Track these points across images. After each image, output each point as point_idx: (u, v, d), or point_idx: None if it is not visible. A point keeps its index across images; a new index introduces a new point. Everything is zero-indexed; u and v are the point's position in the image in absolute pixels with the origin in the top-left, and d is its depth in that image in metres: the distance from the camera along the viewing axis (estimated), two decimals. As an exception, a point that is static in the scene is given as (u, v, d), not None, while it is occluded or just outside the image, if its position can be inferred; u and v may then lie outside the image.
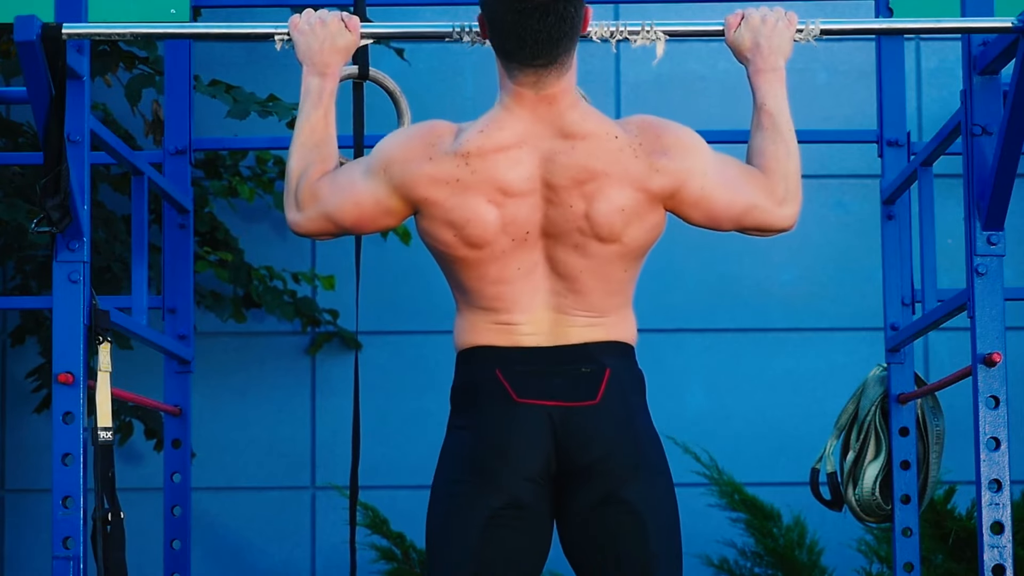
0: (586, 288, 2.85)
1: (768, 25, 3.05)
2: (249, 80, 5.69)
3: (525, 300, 2.84)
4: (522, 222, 2.82)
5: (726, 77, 6.20)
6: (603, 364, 2.83)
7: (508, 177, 2.81)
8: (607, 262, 2.85)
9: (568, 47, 2.81)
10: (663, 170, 2.85)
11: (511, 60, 2.81)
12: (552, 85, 2.82)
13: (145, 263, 4.09)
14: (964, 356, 3.63)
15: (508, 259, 2.83)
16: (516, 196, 2.81)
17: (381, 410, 6.06)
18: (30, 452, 6.21)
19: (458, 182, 2.82)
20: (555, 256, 2.84)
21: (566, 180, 2.81)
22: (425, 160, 2.84)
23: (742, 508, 5.72)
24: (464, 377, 2.88)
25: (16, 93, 3.84)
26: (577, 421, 2.81)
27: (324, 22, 3.04)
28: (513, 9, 2.75)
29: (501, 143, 2.82)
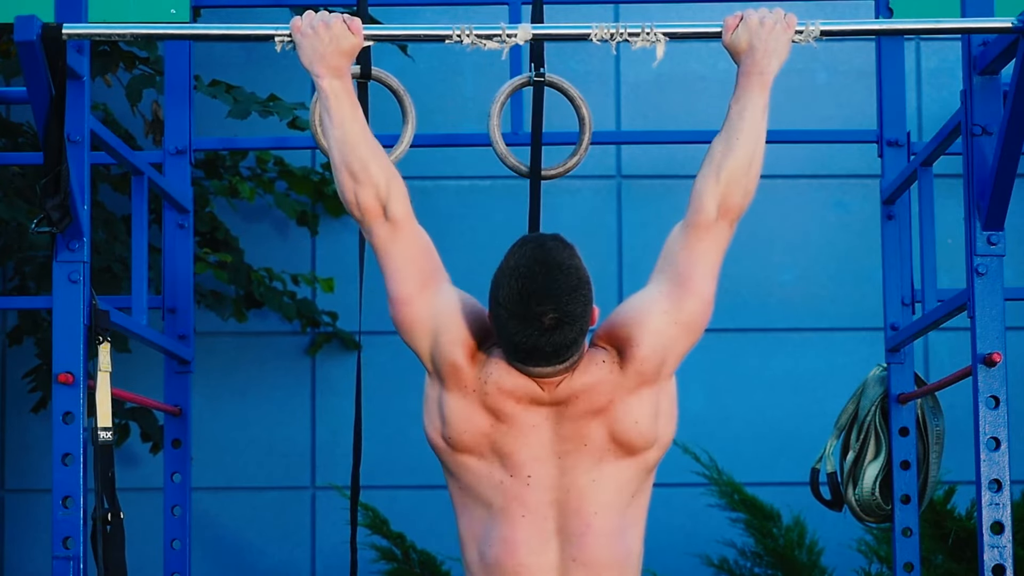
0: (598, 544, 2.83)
1: (766, 27, 3.05)
2: (249, 80, 5.69)
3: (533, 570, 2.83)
4: (522, 464, 2.83)
5: (726, 77, 6.17)
6: None
7: (515, 415, 2.84)
8: (624, 485, 2.85)
9: (575, 349, 2.81)
10: (648, 359, 2.86)
11: (520, 362, 2.82)
12: (561, 375, 2.84)
13: (145, 263, 4.09)
14: (964, 356, 3.63)
15: (509, 498, 2.83)
16: (516, 434, 2.83)
17: (381, 410, 6.06)
18: (30, 452, 6.21)
19: (473, 393, 2.84)
20: (566, 504, 2.84)
21: (576, 424, 2.83)
22: (463, 353, 2.86)
23: (742, 508, 5.72)
24: None
25: (16, 93, 3.84)
26: None
27: (327, 25, 3.04)
28: (520, 332, 2.76)
29: (514, 392, 2.84)
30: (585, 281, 2.78)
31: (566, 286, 2.76)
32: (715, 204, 2.93)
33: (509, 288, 2.76)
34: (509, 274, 2.77)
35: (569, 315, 2.75)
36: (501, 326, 2.78)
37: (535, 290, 2.74)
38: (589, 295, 2.79)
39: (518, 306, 2.74)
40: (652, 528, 2.93)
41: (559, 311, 2.74)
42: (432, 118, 6.10)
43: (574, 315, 2.76)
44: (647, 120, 6.29)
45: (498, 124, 3.58)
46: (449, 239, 6.01)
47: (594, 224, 6.26)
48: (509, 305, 2.75)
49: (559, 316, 2.74)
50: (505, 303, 2.76)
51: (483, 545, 2.85)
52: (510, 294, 2.75)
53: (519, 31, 3.21)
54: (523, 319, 2.75)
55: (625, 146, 6.31)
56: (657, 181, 6.29)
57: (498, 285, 2.78)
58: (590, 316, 2.80)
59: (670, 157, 6.22)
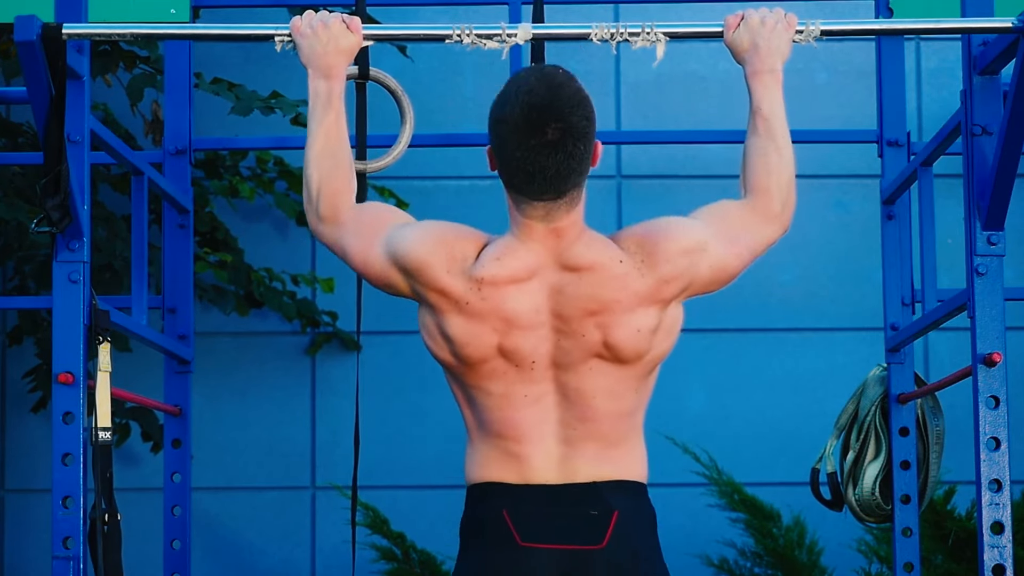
0: (597, 414, 2.83)
1: (767, 26, 3.05)
2: (250, 78, 5.69)
3: (534, 431, 2.83)
4: (527, 352, 2.82)
5: (726, 77, 6.20)
6: (611, 506, 2.82)
7: (516, 309, 2.81)
8: (622, 381, 2.84)
9: (577, 182, 2.80)
10: (671, 279, 2.85)
11: (520, 194, 2.80)
12: (561, 219, 2.83)
13: (145, 263, 4.09)
14: (964, 356, 3.63)
15: (513, 384, 2.83)
16: (522, 328, 2.81)
17: (381, 410, 6.06)
18: (30, 452, 6.21)
19: (467, 304, 2.82)
20: (566, 383, 2.83)
21: (576, 311, 2.81)
22: (443, 271, 2.83)
23: (742, 508, 5.72)
24: (471, 513, 2.87)
25: (16, 93, 3.84)
26: (582, 565, 2.80)
27: (326, 24, 3.04)
28: (522, 146, 2.74)
29: (514, 274, 2.82)
30: (588, 101, 2.77)
31: (569, 100, 2.74)
32: (780, 204, 2.98)
33: (512, 103, 2.74)
34: (512, 91, 2.75)
35: (573, 128, 2.73)
36: (502, 146, 2.76)
37: (538, 103, 2.72)
38: (592, 115, 2.76)
39: (521, 119, 2.72)
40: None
41: (563, 122, 2.72)
42: (432, 118, 6.10)
43: (578, 128, 2.74)
44: (647, 120, 6.29)
45: None
46: (449, 239, 6.00)
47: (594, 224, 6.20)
48: (512, 119, 2.73)
49: (563, 128, 2.72)
50: (508, 118, 2.73)
51: (483, 419, 2.85)
52: (513, 109, 2.73)
53: (519, 31, 3.21)
54: (527, 132, 2.72)
55: (625, 146, 6.31)
56: (657, 181, 6.29)
57: (500, 104, 2.76)
58: (594, 137, 2.78)
59: (670, 157, 6.22)
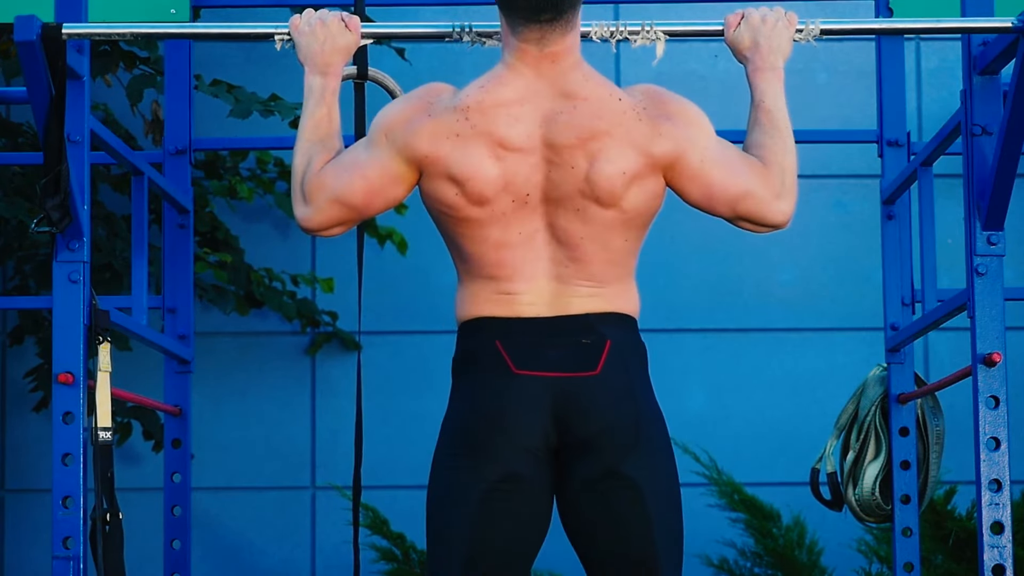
0: (587, 256, 2.84)
1: (768, 25, 3.05)
2: (249, 80, 5.69)
3: (527, 268, 2.83)
4: (522, 182, 2.81)
5: (726, 77, 6.20)
6: (603, 335, 2.82)
7: (508, 133, 2.81)
8: (608, 228, 2.83)
9: (573, 2, 2.81)
10: (666, 135, 2.84)
11: (516, 14, 2.82)
12: (556, 43, 2.82)
13: (145, 263, 4.09)
14: (964, 356, 3.63)
15: (509, 222, 2.82)
16: (516, 152, 2.80)
17: (381, 410, 6.06)
18: (30, 452, 6.21)
19: (458, 136, 2.81)
20: (556, 222, 2.83)
21: (568, 139, 2.80)
22: (424, 116, 2.83)
23: (742, 508, 5.71)
24: (464, 348, 2.87)
25: (16, 93, 3.84)
26: (576, 392, 2.79)
27: (324, 23, 3.05)
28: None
29: (501, 99, 2.83)
30: None
31: None
32: (780, 184, 2.97)
33: None
34: None
35: None
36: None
37: None
38: None
39: None
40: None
41: None
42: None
43: None
44: (647, 120, 6.28)
45: None
46: (449, 239, 6.00)
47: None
48: None
49: None
50: None
51: (475, 260, 2.84)
52: None
53: (519, 30, 3.20)
54: None
55: (625, 146, 6.30)
56: (657, 181, 6.29)
57: None
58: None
59: (670, 157, 6.21)
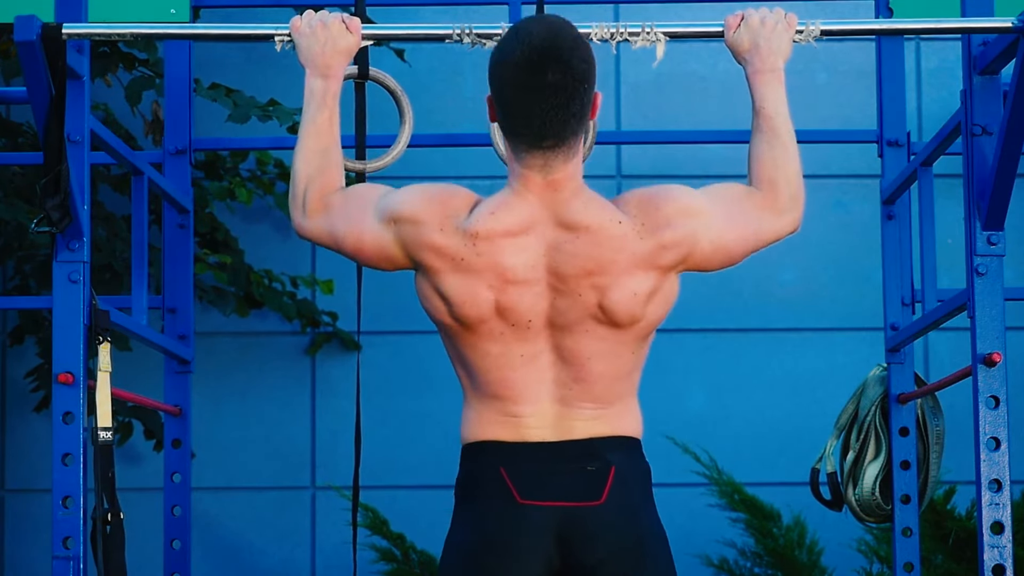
0: (592, 376, 2.83)
1: (767, 26, 3.05)
2: (248, 83, 5.69)
3: (530, 391, 2.83)
4: (523, 310, 2.80)
5: (726, 77, 6.20)
6: (608, 461, 2.82)
7: (512, 264, 2.79)
8: (618, 344, 2.83)
9: (576, 129, 2.77)
10: (670, 245, 2.83)
11: (519, 140, 2.79)
12: (559, 169, 2.80)
13: (145, 263, 4.09)
14: (964, 356, 3.63)
15: (510, 344, 2.82)
16: (518, 284, 2.80)
17: (381, 410, 6.06)
18: (30, 452, 6.21)
19: (462, 260, 2.80)
20: (562, 344, 2.82)
21: (573, 270, 2.79)
22: (436, 229, 2.81)
23: (742, 508, 5.72)
24: (468, 472, 2.86)
25: (16, 93, 3.84)
26: (581, 522, 2.80)
27: (325, 24, 3.04)
28: (522, 87, 2.73)
29: (509, 228, 2.80)
30: (587, 45, 2.76)
31: (571, 44, 2.73)
32: (788, 196, 2.96)
33: (513, 47, 2.73)
34: (513, 37, 2.75)
35: (574, 71, 2.72)
36: (502, 90, 2.76)
37: (539, 45, 2.72)
38: (593, 60, 2.75)
39: (523, 60, 2.72)
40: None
41: (564, 65, 2.71)
42: (432, 118, 6.10)
43: (579, 72, 2.72)
44: (647, 120, 6.29)
45: None
46: (449, 239, 6.00)
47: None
48: (513, 60, 2.72)
49: (564, 70, 2.71)
50: (509, 60, 2.73)
51: (479, 378, 2.84)
52: (514, 51, 2.73)
53: (519, 31, 3.20)
54: (528, 73, 2.72)
55: (625, 146, 6.31)
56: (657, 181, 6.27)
57: (501, 49, 2.76)
58: (594, 84, 2.76)
59: (670, 157, 6.21)
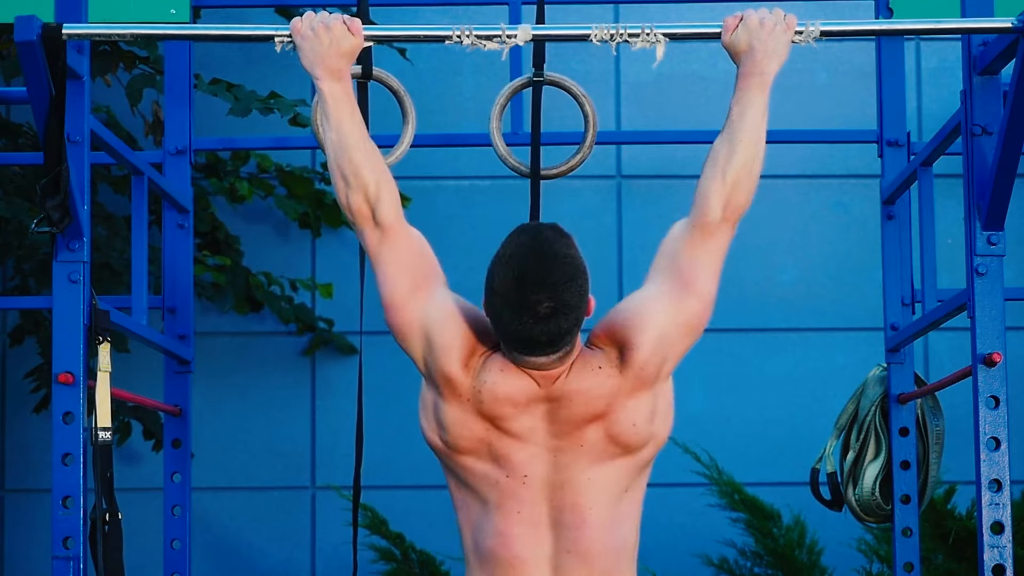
0: (592, 540, 2.84)
1: (765, 28, 3.05)
2: (249, 78, 5.68)
3: (527, 568, 2.84)
4: (518, 463, 2.84)
5: (726, 77, 6.16)
6: None
7: (512, 425, 2.84)
8: (618, 483, 2.85)
9: (570, 339, 2.81)
10: (647, 363, 2.86)
11: (511, 348, 2.82)
12: (555, 367, 2.84)
13: (145, 263, 4.09)
14: (964, 356, 3.63)
15: (506, 498, 2.84)
16: (514, 439, 2.84)
17: (381, 410, 6.06)
18: (30, 452, 6.21)
19: (468, 402, 2.84)
20: (561, 500, 2.85)
21: (571, 428, 2.84)
22: (459, 365, 2.85)
23: (742, 508, 5.72)
24: None
25: (16, 93, 3.84)
26: None
27: (327, 26, 3.03)
28: (514, 320, 2.76)
29: (511, 395, 2.84)
30: (581, 271, 2.78)
31: (561, 275, 2.76)
32: (721, 205, 2.92)
33: (504, 276, 2.76)
34: (504, 262, 2.77)
35: (564, 304, 2.75)
36: (496, 314, 2.78)
37: (530, 278, 2.74)
38: (585, 285, 2.79)
39: (513, 294, 2.74)
40: (652, 528, 2.94)
41: (554, 300, 2.74)
42: (432, 118, 6.09)
43: (569, 304, 2.76)
44: (647, 120, 6.29)
45: (499, 126, 3.58)
46: (449, 239, 6.00)
47: (594, 224, 6.26)
48: (503, 293, 2.75)
49: (554, 305, 2.74)
50: (500, 290, 2.76)
51: (479, 536, 2.87)
52: (504, 282, 2.75)
53: (519, 31, 3.21)
54: (518, 307, 2.74)
55: (625, 146, 6.31)
56: (657, 181, 6.29)
57: (493, 273, 2.78)
58: (586, 306, 2.80)
59: (670, 157, 6.22)
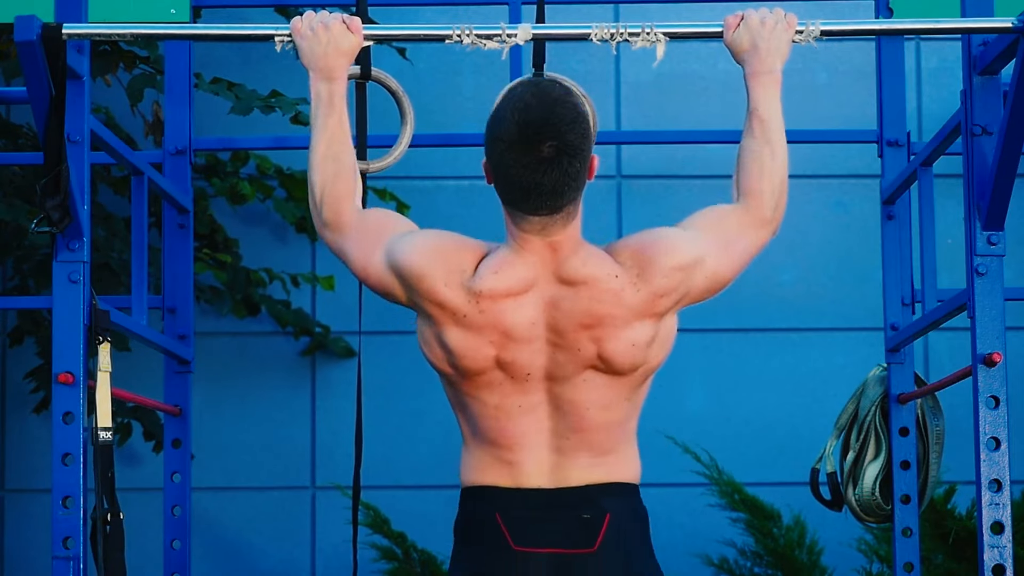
0: (590, 425, 2.85)
1: (767, 27, 3.05)
2: (249, 78, 5.68)
3: (528, 440, 2.85)
4: (522, 364, 2.83)
5: (726, 77, 6.20)
6: (603, 509, 2.84)
7: (513, 322, 2.82)
8: (616, 392, 2.86)
9: (573, 197, 2.80)
10: (665, 293, 2.85)
11: (516, 209, 2.81)
12: (557, 233, 2.83)
13: (145, 263, 4.09)
14: (964, 356, 3.63)
15: (508, 395, 2.85)
16: (518, 341, 2.82)
17: (381, 410, 6.06)
18: (30, 452, 6.21)
19: (465, 317, 2.82)
20: (560, 395, 2.85)
21: (571, 325, 2.82)
22: (440, 283, 2.83)
23: (742, 508, 5.72)
24: (465, 516, 2.90)
25: (16, 93, 3.84)
26: (575, 569, 2.82)
27: (326, 26, 3.04)
28: (517, 164, 2.74)
29: (511, 288, 2.82)
30: (584, 115, 2.77)
31: (565, 116, 2.74)
32: (772, 206, 2.97)
33: (507, 121, 2.75)
34: (507, 108, 2.76)
35: (569, 145, 2.74)
36: (498, 163, 2.77)
37: (533, 120, 2.73)
38: (588, 131, 2.77)
39: (516, 136, 2.73)
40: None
41: (558, 140, 2.73)
42: (432, 118, 6.09)
43: (573, 146, 2.74)
44: (647, 120, 6.29)
45: None
46: (449, 239, 5.99)
47: (594, 224, 6.23)
48: (507, 137, 2.74)
49: (558, 145, 2.73)
50: (503, 136, 2.74)
51: (479, 435, 2.87)
52: (508, 126, 2.74)
53: (519, 31, 3.21)
54: (522, 150, 2.73)
55: (625, 146, 6.31)
56: (657, 181, 6.29)
57: (495, 121, 2.77)
58: (589, 153, 2.79)
59: (670, 157, 6.21)
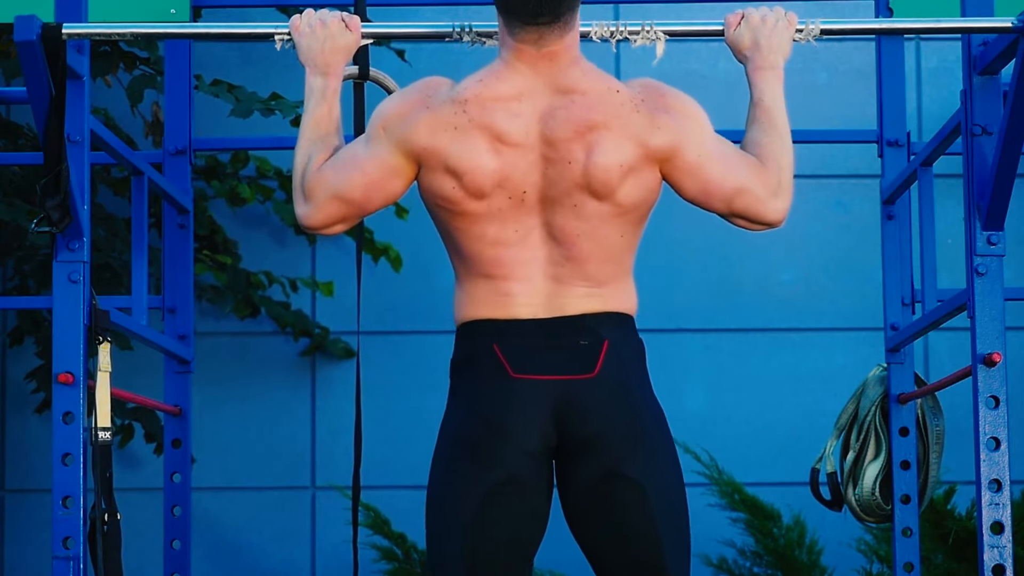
0: (583, 255, 2.85)
1: (768, 25, 3.06)
2: (249, 80, 5.68)
3: (523, 268, 2.84)
4: (519, 179, 2.82)
5: (727, 77, 6.20)
6: (601, 336, 2.84)
7: (506, 127, 2.82)
8: (603, 223, 2.84)
9: (571, 5, 2.82)
10: (663, 127, 2.85)
11: (513, 17, 2.82)
12: (554, 43, 2.83)
13: (145, 263, 4.09)
14: (964, 356, 3.63)
15: (506, 219, 2.83)
16: (514, 147, 2.82)
17: (381, 410, 6.06)
18: (30, 452, 6.21)
19: (456, 129, 2.83)
20: (552, 220, 2.84)
21: (565, 133, 2.81)
22: (422, 109, 2.86)
23: (742, 508, 5.71)
24: (462, 351, 2.89)
25: (16, 93, 3.84)
26: (574, 395, 2.81)
27: (324, 23, 3.05)
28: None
29: (499, 94, 2.84)
30: None
31: None
32: (777, 183, 3.00)
33: None
34: None
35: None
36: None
37: None
38: None
39: None
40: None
41: None
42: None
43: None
44: (647, 120, 6.28)
45: None
46: (449, 239, 6.00)
47: (594, 224, 6.25)
48: None
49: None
50: None
51: (475, 270, 2.87)
52: None
53: (519, 30, 3.20)
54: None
55: (625, 146, 6.30)
56: (657, 181, 6.28)
57: None
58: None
59: (670, 157, 6.21)
